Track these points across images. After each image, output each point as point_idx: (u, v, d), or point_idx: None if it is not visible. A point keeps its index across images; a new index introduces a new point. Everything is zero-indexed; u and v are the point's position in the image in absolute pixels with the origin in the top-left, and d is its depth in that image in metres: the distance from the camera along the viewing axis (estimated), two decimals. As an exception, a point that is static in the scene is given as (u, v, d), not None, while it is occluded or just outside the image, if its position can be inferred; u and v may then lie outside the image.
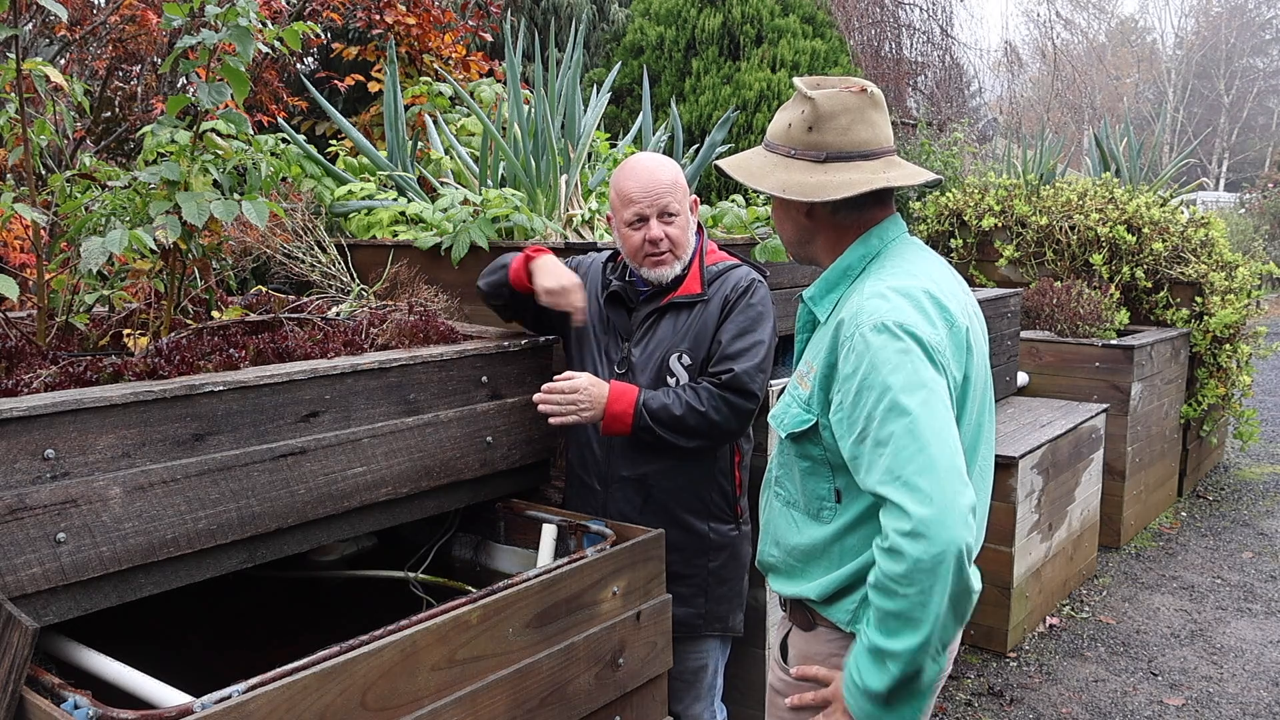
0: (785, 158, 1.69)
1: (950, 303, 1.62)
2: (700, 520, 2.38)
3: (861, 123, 1.65)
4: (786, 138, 1.69)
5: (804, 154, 1.66)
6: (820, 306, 1.74)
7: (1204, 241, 6.03)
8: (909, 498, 1.43)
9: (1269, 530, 5.51)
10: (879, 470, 1.48)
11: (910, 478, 1.43)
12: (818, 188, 1.63)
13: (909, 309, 1.56)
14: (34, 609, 1.60)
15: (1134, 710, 3.53)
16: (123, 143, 5.00)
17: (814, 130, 1.65)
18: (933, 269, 1.69)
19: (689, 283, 2.37)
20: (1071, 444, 4.41)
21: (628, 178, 2.31)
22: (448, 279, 2.81)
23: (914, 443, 1.45)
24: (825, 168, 1.65)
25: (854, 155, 1.65)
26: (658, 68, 7.25)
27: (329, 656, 1.52)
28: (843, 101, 1.64)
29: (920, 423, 1.46)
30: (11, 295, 1.78)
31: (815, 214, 1.72)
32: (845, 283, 1.71)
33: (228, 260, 2.79)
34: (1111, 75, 32.71)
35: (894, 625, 1.45)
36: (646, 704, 2.15)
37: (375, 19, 5.14)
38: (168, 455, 1.74)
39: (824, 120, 1.64)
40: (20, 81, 1.98)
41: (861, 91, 1.65)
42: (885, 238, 1.71)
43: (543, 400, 2.27)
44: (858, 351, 1.55)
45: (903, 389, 1.48)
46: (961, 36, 36.27)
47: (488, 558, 2.46)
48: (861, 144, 1.65)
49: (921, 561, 1.40)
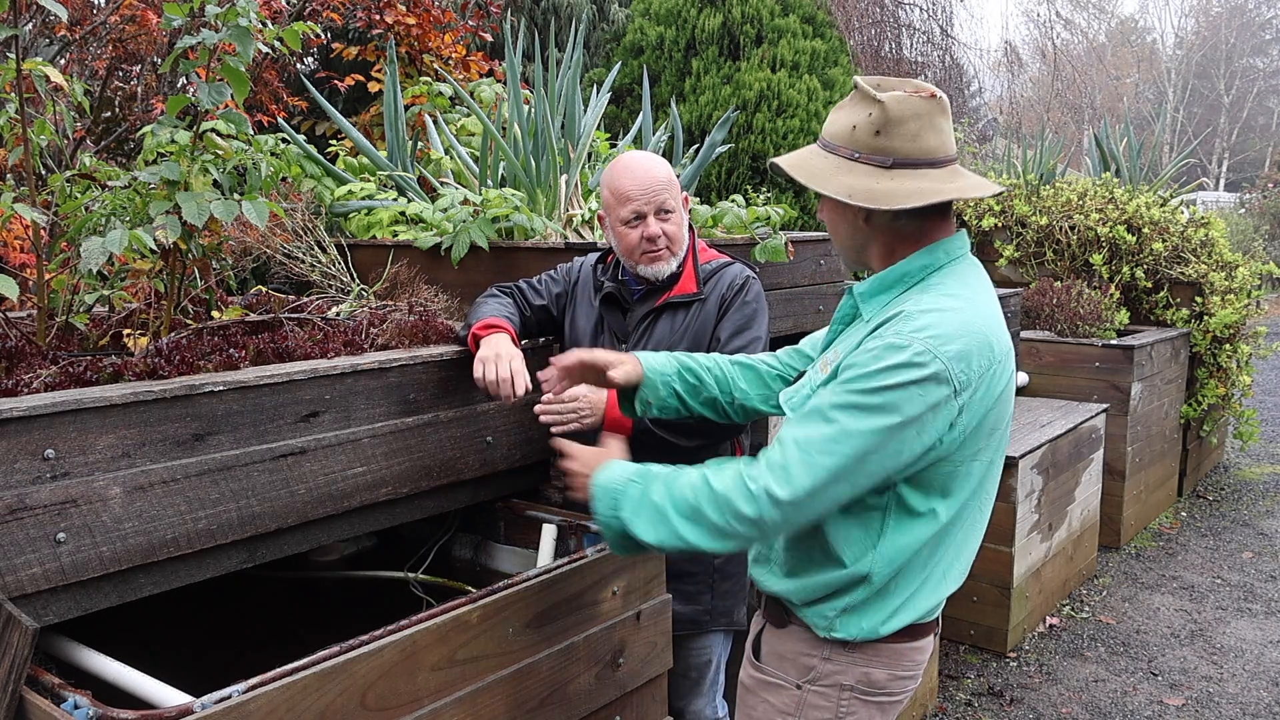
0: (848, 160, 1.61)
1: (996, 343, 1.58)
2: None
3: (930, 129, 1.59)
4: (850, 140, 1.61)
5: (869, 158, 1.60)
6: (868, 304, 1.68)
7: (1204, 241, 6.04)
8: (795, 479, 1.52)
9: (1269, 530, 5.51)
10: (801, 429, 1.55)
11: (812, 462, 1.51)
12: (885, 195, 1.57)
13: (954, 341, 1.52)
14: (34, 609, 1.60)
15: (1134, 710, 3.53)
16: (123, 143, 5.00)
17: (881, 134, 1.58)
18: (988, 301, 1.64)
19: (684, 282, 2.37)
20: (1071, 444, 4.41)
21: (622, 175, 2.31)
22: (448, 279, 2.81)
23: (836, 448, 1.51)
24: (891, 174, 1.58)
25: (921, 163, 1.59)
26: (658, 68, 7.25)
27: (329, 656, 1.52)
28: (913, 107, 1.58)
29: (855, 442, 1.50)
30: (11, 295, 1.78)
31: (874, 220, 1.65)
32: (900, 287, 1.65)
33: (228, 260, 2.78)
34: (1111, 75, 32.71)
35: (696, 526, 1.58)
36: (646, 704, 2.15)
37: (375, 19, 5.14)
38: (168, 455, 1.74)
39: (893, 125, 1.58)
40: (20, 81, 1.98)
41: (931, 97, 1.59)
42: (951, 253, 1.65)
43: (544, 410, 2.26)
44: (871, 346, 1.54)
45: (863, 401, 1.50)
46: (961, 36, 36.30)
47: (488, 558, 2.46)
48: (930, 151, 1.59)
49: (762, 523, 1.54)
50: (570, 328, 2.45)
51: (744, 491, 1.55)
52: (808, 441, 1.53)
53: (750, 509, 1.54)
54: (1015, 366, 1.71)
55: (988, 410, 1.59)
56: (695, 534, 1.59)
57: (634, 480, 1.66)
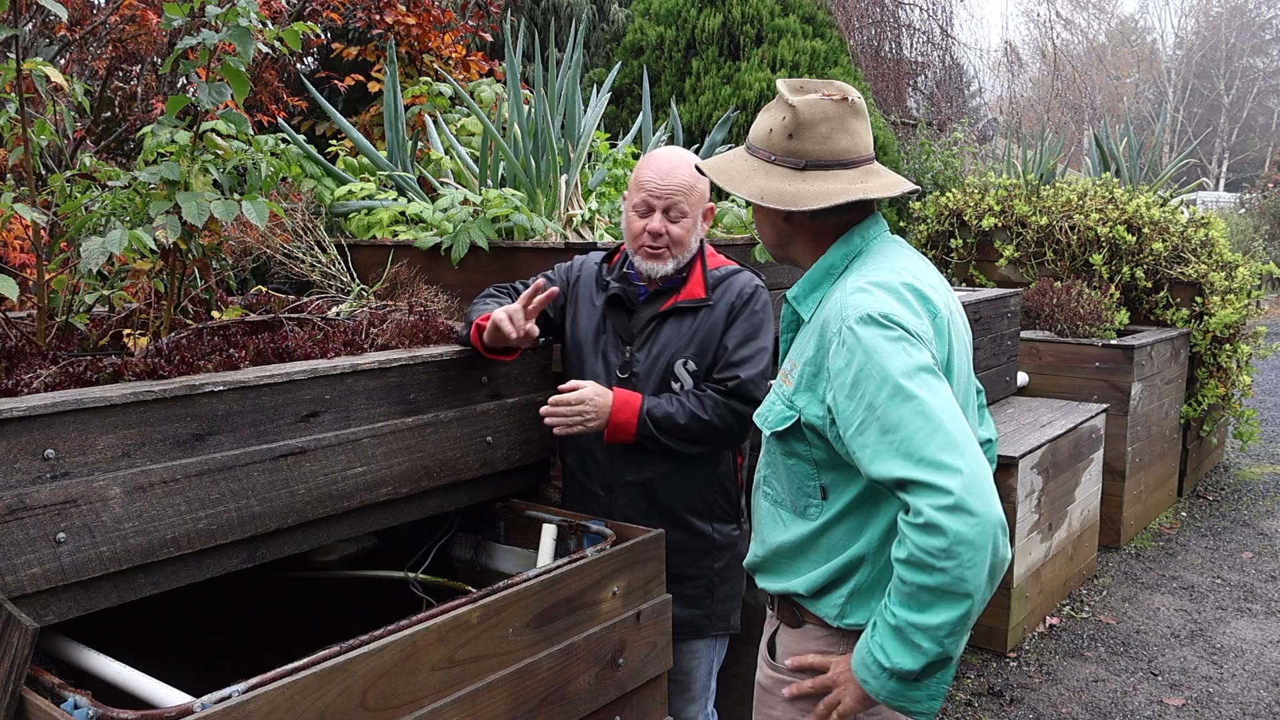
0: (765, 163, 1.70)
1: (933, 294, 1.64)
2: (704, 522, 2.38)
3: (841, 131, 1.67)
4: (767, 142, 1.71)
5: (783, 160, 1.68)
6: (804, 305, 1.75)
7: (1204, 241, 6.03)
8: (939, 475, 1.42)
9: (1269, 530, 5.51)
10: (895, 456, 1.46)
11: (934, 455, 1.43)
12: (795, 197, 1.65)
13: (892, 300, 1.57)
14: (34, 609, 1.60)
15: (1134, 710, 3.53)
16: (123, 143, 5.00)
17: (794, 137, 1.67)
18: (913, 264, 1.71)
19: (692, 286, 2.36)
20: (1071, 444, 4.41)
21: (647, 164, 2.32)
22: (448, 279, 2.81)
23: (928, 423, 1.45)
24: (804, 175, 1.66)
25: (833, 164, 1.67)
26: (658, 68, 7.25)
27: (329, 656, 1.52)
28: (823, 110, 1.66)
29: (928, 403, 1.47)
30: (11, 295, 1.78)
31: (793, 219, 1.73)
32: (828, 281, 1.73)
33: (228, 260, 2.78)
34: (1111, 75, 32.71)
35: (928, 599, 1.45)
36: (646, 704, 2.15)
37: (375, 19, 5.13)
38: (168, 455, 1.74)
39: (804, 128, 1.66)
40: (20, 81, 1.98)
41: (843, 100, 1.67)
42: (866, 236, 1.73)
43: (549, 413, 2.25)
44: (849, 345, 1.55)
45: (903, 374, 1.49)
46: (961, 36, 36.29)
47: (488, 558, 2.46)
48: (840, 153, 1.67)
49: (964, 535, 1.40)
50: (571, 328, 2.44)
51: (914, 533, 1.44)
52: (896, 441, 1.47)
53: (936, 540, 1.42)
54: (965, 324, 1.76)
55: (946, 358, 1.63)
56: (935, 616, 1.45)
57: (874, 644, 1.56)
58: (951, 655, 1.49)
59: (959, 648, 1.50)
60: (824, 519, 1.69)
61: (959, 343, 1.69)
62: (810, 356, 1.65)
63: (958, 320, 1.72)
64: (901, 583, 1.48)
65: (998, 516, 1.43)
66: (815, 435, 1.65)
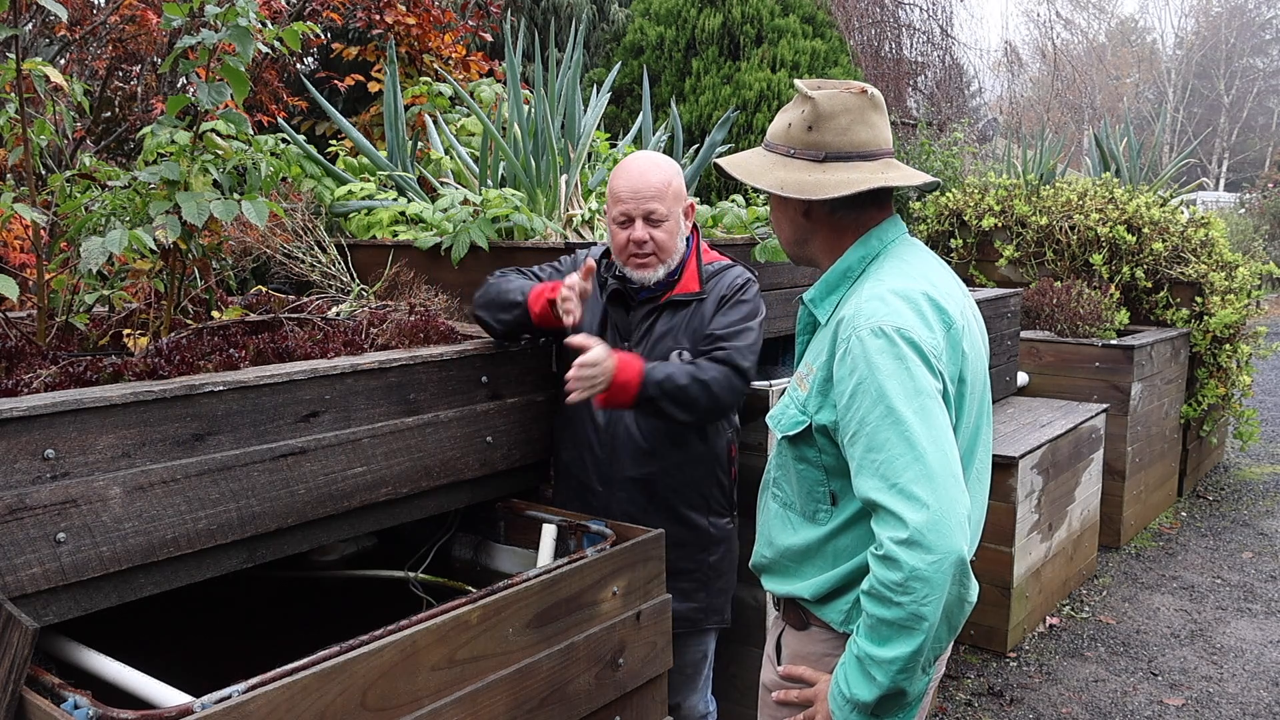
0: (784, 157, 1.69)
1: (949, 304, 1.63)
2: (701, 515, 2.40)
3: (861, 124, 1.66)
4: (786, 137, 1.70)
5: (803, 153, 1.67)
6: (820, 308, 1.74)
7: (1204, 241, 6.03)
8: (905, 506, 1.43)
9: (1269, 530, 5.51)
10: (873, 476, 1.48)
11: (906, 485, 1.44)
12: (815, 186, 1.63)
13: (907, 312, 1.56)
14: (34, 609, 1.60)
15: (1134, 710, 3.53)
16: (123, 143, 5.00)
17: (813, 130, 1.66)
18: (931, 270, 1.69)
19: (687, 280, 2.39)
20: (1071, 444, 4.41)
21: (619, 176, 2.33)
22: (448, 279, 2.81)
23: (910, 450, 1.46)
24: (824, 167, 1.65)
25: (853, 155, 1.65)
26: (658, 68, 7.25)
27: (329, 656, 1.52)
28: (843, 102, 1.65)
29: (915, 430, 1.46)
30: (11, 295, 1.78)
31: (813, 214, 1.72)
32: (845, 284, 1.71)
33: (228, 260, 2.78)
34: (1111, 75, 32.71)
35: (886, 633, 1.46)
36: (646, 704, 2.15)
37: (375, 19, 5.14)
38: (168, 455, 1.74)
39: (823, 120, 1.65)
40: (20, 81, 1.98)
41: (862, 93, 1.66)
42: (885, 239, 1.72)
43: (577, 377, 2.16)
44: (854, 355, 1.55)
45: (898, 395, 1.49)
46: (961, 36, 36.30)
47: (488, 558, 2.46)
48: (860, 144, 1.66)
49: (918, 570, 1.41)
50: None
51: (875, 564, 1.46)
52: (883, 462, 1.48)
53: (893, 573, 1.43)
54: (982, 332, 1.75)
55: (959, 370, 1.61)
56: (889, 649, 1.46)
57: (841, 669, 1.57)
58: (906, 690, 1.49)
59: (914, 685, 1.50)
60: (833, 525, 1.68)
61: (973, 352, 1.67)
62: (824, 361, 1.65)
63: (973, 327, 1.70)
64: (865, 614, 1.49)
65: (957, 554, 1.42)
66: (826, 440, 1.65)
